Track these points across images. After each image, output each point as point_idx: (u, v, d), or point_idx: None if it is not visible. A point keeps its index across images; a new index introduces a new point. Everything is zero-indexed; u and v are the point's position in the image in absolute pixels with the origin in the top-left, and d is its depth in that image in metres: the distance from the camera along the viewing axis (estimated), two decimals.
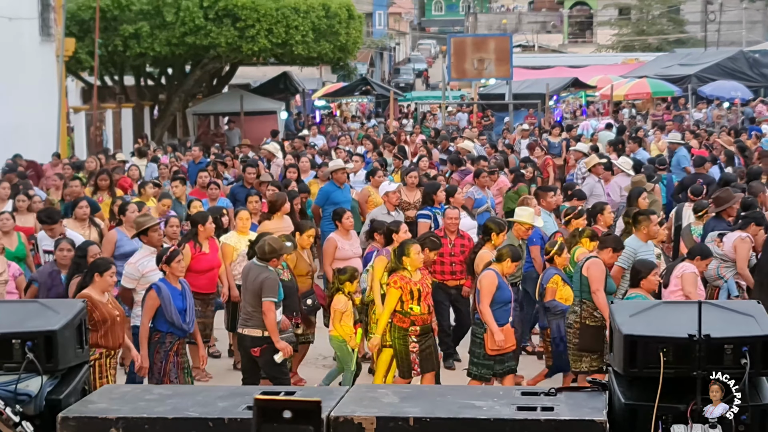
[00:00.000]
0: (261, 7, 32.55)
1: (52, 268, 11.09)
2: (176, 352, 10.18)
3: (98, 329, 9.38)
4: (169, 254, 10.20)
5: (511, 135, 29.79)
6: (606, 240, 11.38)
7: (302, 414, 4.78)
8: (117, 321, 9.60)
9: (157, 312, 10.08)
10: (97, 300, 9.47)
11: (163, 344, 10.10)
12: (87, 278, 9.66)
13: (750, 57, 42.92)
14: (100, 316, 9.43)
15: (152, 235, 11.42)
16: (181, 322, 10.08)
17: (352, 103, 49.60)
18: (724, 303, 6.47)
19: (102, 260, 9.90)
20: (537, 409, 5.65)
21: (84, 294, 9.42)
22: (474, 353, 10.68)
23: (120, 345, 9.70)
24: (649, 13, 74.53)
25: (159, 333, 10.11)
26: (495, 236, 11.65)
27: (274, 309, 10.28)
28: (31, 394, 5.98)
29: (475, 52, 36.38)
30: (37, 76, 25.92)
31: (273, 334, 10.30)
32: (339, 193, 15.86)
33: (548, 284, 11.15)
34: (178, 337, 10.15)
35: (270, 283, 10.35)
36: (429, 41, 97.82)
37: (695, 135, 26.33)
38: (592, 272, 10.79)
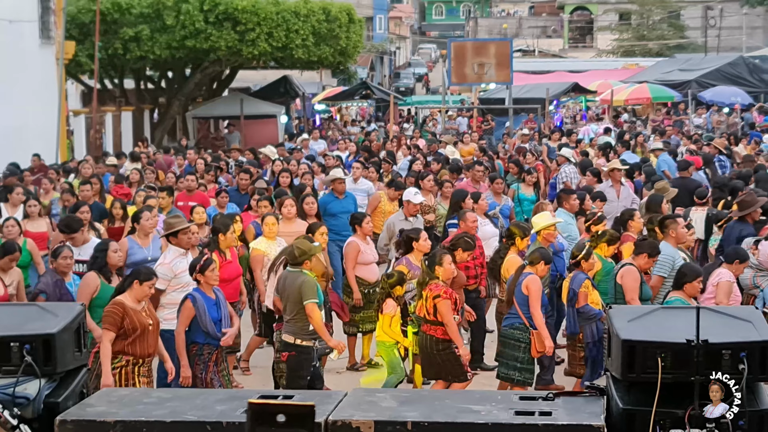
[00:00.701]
0: (261, 10, 32.57)
1: (55, 277, 10.87)
2: (216, 362, 10.07)
3: (127, 336, 9.25)
4: (203, 263, 10.10)
5: (511, 140, 29.81)
6: (642, 245, 11.30)
7: (296, 418, 4.79)
8: (149, 330, 9.40)
9: (193, 323, 9.97)
10: (130, 307, 9.30)
11: (201, 356, 10.00)
12: (126, 283, 9.47)
13: (750, 62, 42.97)
14: (131, 323, 9.25)
15: (182, 237, 11.38)
16: (216, 332, 9.97)
17: (352, 107, 49.61)
18: (723, 308, 6.47)
19: (145, 269, 9.67)
20: (535, 413, 5.66)
21: (117, 300, 9.33)
22: (517, 358, 10.63)
23: (150, 354, 9.49)
24: (650, 19, 74.57)
25: (197, 345, 9.99)
26: (519, 240, 11.64)
27: (317, 310, 10.17)
28: (30, 397, 5.98)
29: (475, 56, 36.39)
30: (37, 79, 25.93)
31: (323, 335, 10.19)
32: (336, 204, 15.69)
33: (580, 289, 11.04)
34: (215, 348, 10.04)
35: (308, 285, 10.23)
36: (429, 45, 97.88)
37: (694, 141, 26.36)
38: (627, 281, 10.80)
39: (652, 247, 11.23)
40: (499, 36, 72.09)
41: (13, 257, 11.16)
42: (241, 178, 17.44)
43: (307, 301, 10.13)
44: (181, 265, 11.06)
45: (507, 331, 10.78)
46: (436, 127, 39.75)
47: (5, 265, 11.10)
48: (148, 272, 9.55)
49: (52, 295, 10.59)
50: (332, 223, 14.74)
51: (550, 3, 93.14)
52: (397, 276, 11.23)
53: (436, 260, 10.57)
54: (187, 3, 31.94)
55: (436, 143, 25.50)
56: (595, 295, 11.01)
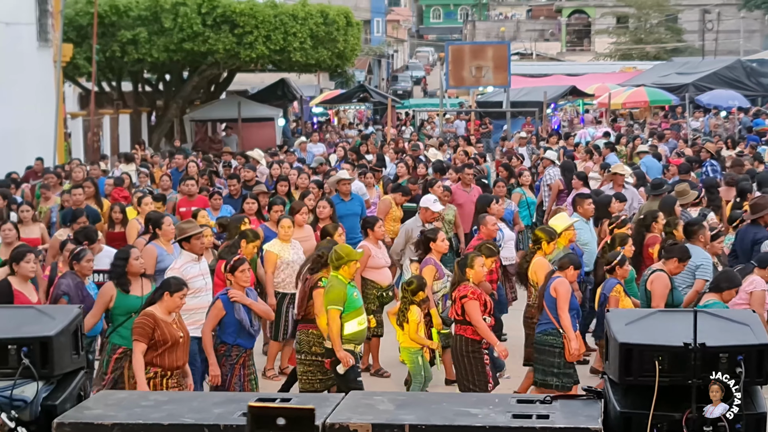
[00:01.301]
0: (259, 13, 32.56)
1: (75, 279, 10.81)
2: (242, 364, 10.02)
3: (156, 348, 9.16)
4: (234, 263, 10.07)
5: (508, 143, 29.83)
6: (672, 250, 11.30)
7: (296, 421, 4.79)
8: (179, 342, 9.31)
9: (223, 324, 9.92)
10: (161, 319, 9.21)
11: (228, 357, 9.95)
12: (156, 295, 9.37)
13: (747, 66, 43.00)
14: (161, 336, 9.17)
15: (195, 242, 11.32)
16: (251, 329, 9.98)
17: (350, 111, 49.62)
18: (720, 312, 6.48)
19: (175, 280, 9.57)
20: (532, 416, 5.66)
21: (148, 311, 9.23)
22: (553, 364, 10.62)
23: (179, 367, 9.40)
24: (647, 22, 74.61)
25: (225, 345, 9.97)
26: (546, 245, 11.63)
27: (336, 317, 10.14)
28: (27, 400, 5.97)
29: (473, 59, 36.42)
30: (34, 81, 25.91)
31: (334, 343, 10.18)
32: (342, 206, 15.60)
33: (611, 293, 11.04)
34: (244, 350, 10.00)
35: (334, 290, 10.24)
36: (427, 49, 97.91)
37: (691, 144, 26.39)
38: (656, 287, 10.83)
39: (683, 251, 11.22)
40: (497, 39, 72.20)
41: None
42: (230, 184, 17.26)
43: (331, 306, 10.17)
44: (192, 271, 11.02)
45: (540, 338, 10.77)
46: (434, 131, 39.76)
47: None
48: (178, 283, 9.44)
49: (74, 298, 10.56)
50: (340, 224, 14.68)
51: (547, 6, 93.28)
52: (416, 282, 11.21)
53: (468, 262, 10.60)
54: (185, 6, 31.93)
55: (419, 148, 25.38)
56: (627, 302, 11.00)
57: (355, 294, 10.41)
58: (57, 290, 10.73)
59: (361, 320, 10.37)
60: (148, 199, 15.42)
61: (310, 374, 10.63)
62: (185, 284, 9.56)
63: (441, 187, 16.20)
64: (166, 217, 12.71)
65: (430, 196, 14.92)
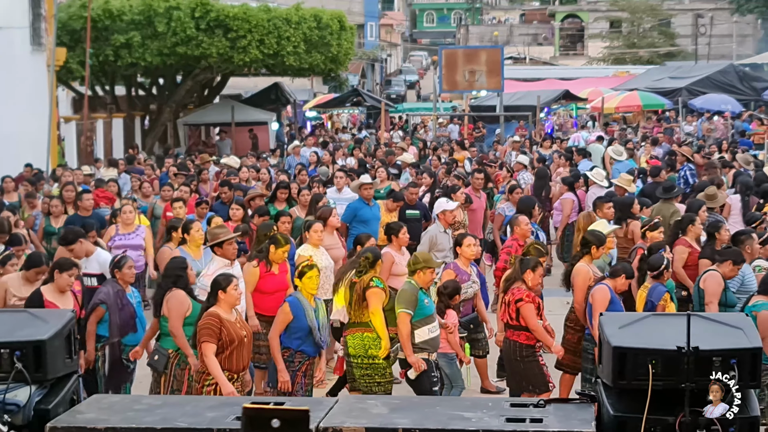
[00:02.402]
0: (252, 17, 32.56)
1: (116, 287, 10.52)
2: (305, 372, 9.83)
3: (224, 350, 8.88)
4: (301, 269, 9.88)
5: (501, 147, 29.84)
6: (726, 253, 11.23)
7: (290, 423, 4.79)
8: (244, 342, 9.05)
9: (289, 328, 9.74)
10: (226, 319, 8.96)
11: (292, 363, 9.75)
12: (211, 300, 9.11)
13: (740, 70, 43.09)
14: (228, 335, 8.90)
15: (227, 248, 11.22)
16: (319, 337, 9.79)
17: (343, 114, 49.62)
18: (713, 315, 6.49)
19: (221, 276, 9.28)
20: (526, 420, 5.67)
21: (212, 312, 8.96)
22: (586, 370, 10.58)
23: (244, 368, 9.13)
24: (640, 26, 74.73)
25: (289, 350, 9.75)
26: (595, 249, 11.47)
27: (406, 321, 10.04)
28: (20, 404, 5.97)
29: (466, 63, 36.46)
30: (27, 85, 25.87)
31: (405, 349, 10.06)
32: (367, 210, 15.36)
33: (659, 301, 10.86)
34: (308, 357, 9.81)
35: (404, 294, 10.15)
36: (420, 53, 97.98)
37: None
38: (709, 284, 10.76)
39: (737, 254, 11.14)
40: (490, 43, 72.12)
41: (40, 270, 10.69)
42: (222, 192, 16.85)
43: (399, 310, 10.10)
44: None
45: (584, 344, 10.69)
46: (428, 135, 39.77)
47: (31, 277, 10.68)
48: (226, 278, 9.20)
49: (113, 306, 10.34)
50: (361, 230, 14.38)
51: (541, 11, 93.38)
52: (452, 286, 11.06)
53: (530, 265, 10.50)
54: (179, 10, 31.92)
55: (393, 154, 25.29)
56: (671, 308, 10.89)
57: (427, 301, 10.28)
58: (95, 298, 10.46)
59: (432, 327, 10.23)
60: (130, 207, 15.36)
61: (367, 378, 10.35)
62: (233, 275, 9.35)
63: (463, 194, 16.07)
64: (195, 223, 12.55)
65: (442, 199, 14.69)
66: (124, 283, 10.60)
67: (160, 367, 9.96)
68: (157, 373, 10.03)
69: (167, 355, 9.92)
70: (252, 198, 15.84)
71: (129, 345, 10.43)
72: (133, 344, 10.49)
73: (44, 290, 10.18)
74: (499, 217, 16.18)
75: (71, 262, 10.41)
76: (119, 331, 10.36)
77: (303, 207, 15.48)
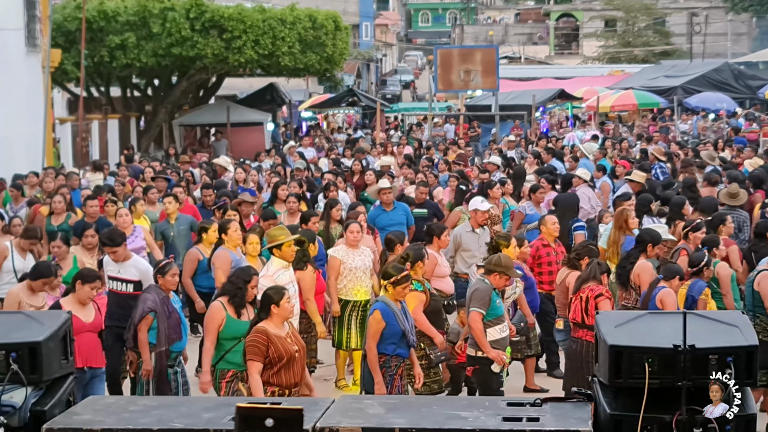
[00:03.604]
0: (247, 18, 32.55)
1: (161, 294, 10.35)
2: (401, 375, 9.66)
3: (272, 366, 8.57)
4: (400, 278, 9.65)
5: (496, 146, 29.84)
6: None
7: (284, 422, 4.79)
8: (296, 357, 8.66)
9: (382, 334, 9.53)
10: (274, 334, 8.59)
11: (388, 368, 9.57)
12: (262, 314, 8.73)
13: (735, 69, 43.11)
14: (276, 352, 8.55)
15: (286, 249, 11.09)
16: (413, 340, 9.64)
17: (339, 115, 49.61)
18: (709, 313, 6.50)
19: (272, 290, 8.89)
20: (523, 419, 5.66)
21: (259, 328, 8.60)
22: None
23: (297, 384, 8.73)
24: (635, 25, 74.73)
25: (384, 356, 9.55)
26: (650, 248, 11.49)
27: (479, 319, 9.98)
28: (16, 406, 5.96)
29: (461, 63, 36.45)
30: (22, 87, 25.84)
31: (483, 346, 9.97)
32: (385, 217, 15.18)
33: (700, 296, 10.87)
34: (402, 360, 9.64)
35: (478, 293, 10.06)
36: (416, 53, 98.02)
37: (681, 146, 26.46)
38: (764, 286, 10.68)
39: None
40: (485, 43, 72.20)
41: (47, 281, 10.51)
42: (204, 195, 16.71)
43: (472, 309, 10.04)
44: (284, 278, 10.80)
45: None
46: (423, 134, 39.78)
47: (37, 288, 10.49)
48: (278, 291, 8.85)
49: (161, 314, 10.18)
50: (382, 236, 14.06)
51: (535, 10, 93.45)
52: None
53: (605, 269, 10.51)
54: (173, 11, 31.91)
55: (363, 152, 25.19)
56: (712, 304, 10.88)
57: (498, 302, 10.23)
58: (143, 306, 10.27)
59: (503, 327, 10.18)
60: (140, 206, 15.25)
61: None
62: (284, 289, 9.05)
63: (499, 189, 15.95)
64: (232, 222, 12.37)
65: (477, 198, 14.55)
66: (167, 290, 10.40)
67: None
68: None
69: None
70: (239, 203, 15.58)
71: (175, 351, 10.32)
72: (178, 351, 10.38)
73: (64, 302, 9.92)
74: (519, 215, 15.98)
75: (95, 274, 10.14)
76: (167, 339, 10.21)
77: (290, 213, 15.36)
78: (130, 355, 10.37)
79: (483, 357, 10.01)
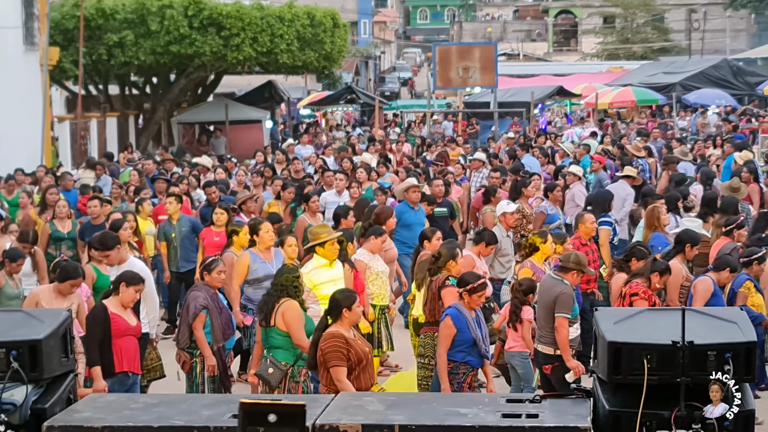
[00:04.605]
0: (246, 15, 32.56)
1: (209, 291, 10.26)
2: (470, 384, 9.56)
3: (352, 371, 8.39)
4: (477, 286, 9.55)
5: (496, 143, 29.86)
6: None
7: (287, 417, 4.80)
8: (370, 359, 8.58)
9: (453, 341, 9.42)
10: (350, 338, 8.49)
11: (456, 375, 9.48)
12: (333, 315, 8.57)
13: (734, 65, 43.09)
14: (356, 356, 8.41)
15: (329, 247, 10.97)
16: (485, 348, 9.54)
17: (338, 112, 49.61)
18: (708, 310, 6.50)
19: (345, 296, 8.71)
20: (522, 416, 5.67)
21: (334, 332, 8.44)
22: None
23: (372, 386, 8.61)
24: (634, 22, 74.69)
25: (453, 363, 9.46)
26: (689, 248, 11.39)
27: (566, 325, 9.91)
28: (16, 403, 5.97)
29: (460, 60, 36.43)
30: (21, 85, 25.85)
31: (564, 352, 9.92)
32: (412, 215, 15.02)
33: (740, 289, 10.82)
34: (471, 368, 9.52)
35: (565, 298, 9.97)
36: (414, 50, 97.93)
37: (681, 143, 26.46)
38: None
39: None
40: (484, 40, 72.13)
41: (75, 283, 10.22)
42: (208, 192, 16.55)
43: (558, 314, 9.95)
44: (321, 277, 10.73)
45: None
46: (422, 131, 39.79)
47: (65, 290, 10.19)
48: (349, 296, 8.70)
49: (213, 311, 10.09)
50: (405, 234, 14.16)
51: (534, 7, 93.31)
52: (527, 283, 10.85)
53: (660, 267, 10.32)
54: (172, 8, 31.91)
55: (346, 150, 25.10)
56: (757, 298, 10.81)
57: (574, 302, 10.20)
58: (195, 303, 10.14)
59: (576, 326, 10.17)
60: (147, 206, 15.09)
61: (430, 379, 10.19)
62: (354, 292, 8.94)
63: (535, 188, 15.89)
64: (264, 224, 12.15)
65: (503, 201, 14.49)
66: (214, 288, 10.33)
67: (274, 381, 9.44)
68: (269, 387, 9.45)
69: (283, 369, 9.44)
70: (243, 201, 15.48)
71: (228, 348, 10.28)
72: (230, 348, 10.32)
73: (108, 303, 9.69)
74: (540, 215, 15.76)
75: (139, 277, 9.93)
76: (222, 335, 10.16)
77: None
78: (182, 356, 10.18)
79: (560, 355, 9.98)
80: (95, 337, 9.49)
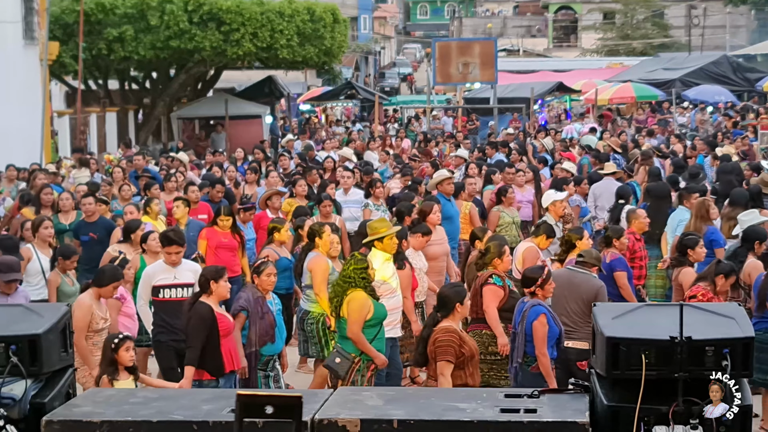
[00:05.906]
0: (246, 11, 32.54)
1: (256, 294, 10.05)
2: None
3: (463, 366, 8.32)
4: (546, 277, 9.27)
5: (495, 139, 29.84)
6: None
7: (284, 409, 4.80)
8: (477, 355, 8.56)
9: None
10: (463, 334, 8.45)
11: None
12: (448, 308, 8.52)
13: (734, 61, 43.13)
14: (469, 350, 8.38)
15: (388, 242, 10.72)
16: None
17: (337, 108, 49.61)
18: (706, 305, 6.51)
19: (457, 287, 8.76)
20: (520, 411, 5.68)
21: (448, 327, 8.39)
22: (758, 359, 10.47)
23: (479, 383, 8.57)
24: (634, 18, 74.66)
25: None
26: (758, 245, 11.19)
27: None
28: (16, 398, 5.98)
29: (460, 56, 36.41)
30: (20, 79, 25.84)
31: None
32: (450, 206, 14.76)
33: None
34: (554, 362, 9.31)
35: (604, 292, 9.84)
36: (414, 45, 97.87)
37: (679, 139, 26.50)
38: None
39: None
40: (484, 35, 72.14)
41: (117, 285, 10.07)
42: (217, 190, 16.25)
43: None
44: (388, 271, 10.61)
45: (760, 336, 9.98)
46: (421, 127, 39.78)
47: (107, 294, 10.00)
48: (460, 291, 8.70)
49: (253, 314, 9.89)
50: (445, 226, 13.71)
51: (534, 2, 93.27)
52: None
53: (725, 270, 10.11)
54: (172, 3, 31.89)
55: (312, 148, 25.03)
56: None
57: None
58: (235, 304, 9.98)
59: None
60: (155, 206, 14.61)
61: (493, 374, 10.05)
62: (462, 287, 8.88)
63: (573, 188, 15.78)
64: (325, 226, 11.89)
65: (549, 191, 14.43)
66: (263, 290, 10.11)
67: (342, 371, 9.33)
68: (336, 377, 9.38)
69: (351, 359, 9.35)
70: (269, 197, 15.24)
71: (266, 355, 10.04)
72: (270, 354, 10.11)
73: (209, 301, 9.41)
74: (576, 208, 15.78)
75: (223, 269, 9.68)
76: (258, 340, 9.91)
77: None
78: None
79: None
80: (200, 337, 9.19)
